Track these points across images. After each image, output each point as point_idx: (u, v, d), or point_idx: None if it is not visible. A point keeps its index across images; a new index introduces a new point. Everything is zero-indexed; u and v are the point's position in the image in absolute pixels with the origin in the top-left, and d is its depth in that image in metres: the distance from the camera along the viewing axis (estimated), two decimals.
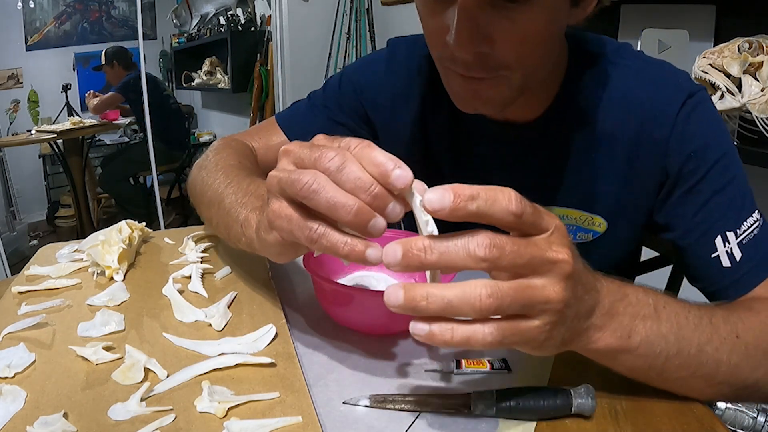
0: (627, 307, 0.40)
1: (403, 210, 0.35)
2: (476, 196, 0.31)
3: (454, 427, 0.40)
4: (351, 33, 2.29)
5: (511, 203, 0.31)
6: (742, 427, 0.92)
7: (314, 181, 0.35)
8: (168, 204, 3.48)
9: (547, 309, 0.33)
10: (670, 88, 0.57)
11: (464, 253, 0.31)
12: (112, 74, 3.18)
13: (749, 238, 0.53)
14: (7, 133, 3.31)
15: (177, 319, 0.53)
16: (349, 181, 0.34)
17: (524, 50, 0.49)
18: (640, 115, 0.57)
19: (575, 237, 0.64)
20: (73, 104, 3.57)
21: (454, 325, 0.32)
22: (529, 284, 0.33)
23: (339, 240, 0.36)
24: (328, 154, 0.35)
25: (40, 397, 0.40)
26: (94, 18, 3.69)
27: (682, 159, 0.56)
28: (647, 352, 0.40)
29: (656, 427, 0.41)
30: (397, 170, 0.33)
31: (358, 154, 0.35)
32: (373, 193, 0.34)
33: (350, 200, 0.34)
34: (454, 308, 0.31)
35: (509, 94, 0.52)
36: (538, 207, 0.34)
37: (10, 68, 3.38)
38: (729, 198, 0.55)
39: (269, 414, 0.39)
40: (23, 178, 3.50)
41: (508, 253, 0.31)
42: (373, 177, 0.34)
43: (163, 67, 4.13)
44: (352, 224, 0.35)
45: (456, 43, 0.47)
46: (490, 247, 0.31)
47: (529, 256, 0.32)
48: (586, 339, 0.39)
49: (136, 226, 0.71)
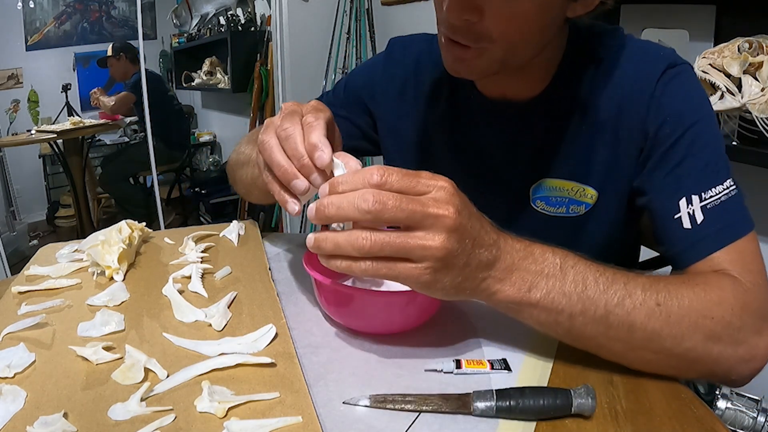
0: (531, 264, 0.45)
1: (324, 179, 0.45)
2: (339, 183, 0.41)
3: (454, 427, 0.40)
4: (351, 33, 2.28)
5: (372, 176, 0.39)
6: (742, 427, 0.92)
7: (267, 141, 0.48)
8: (168, 204, 3.48)
9: (427, 255, 0.39)
10: (653, 59, 0.60)
11: (353, 207, 0.39)
12: (118, 67, 3.15)
13: (714, 204, 0.53)
14: (7, 133, 3.31)
15: (177, 319, 0.53)
16: (289, 149, 0.47)
17: (509, 28, 0.52)
18: (626, 86, 0.60)
19: (568, 210, 0.66)
20: (73, 104, 3.56)
21: (339, 246, 0.40)
22: (408, 234, 0.39)
23: (276, 189, 0.49)
24: (284, 125, 0.47)
25: (40, 397, 0.40)
26: (94, 18, 3.69)
27: (659, 123, 0.58)
28: (549, 306, 0.44)
29: (656, 427, 0.41)
30: (319, 152, 0.45)
31: (306, 130, 0.47)
32: (303, 162, 0.46)
33: (284, 161, 0.47)
34: (341, 248, 0.40)
35: (489, 66, 0.57)
36: (417, 173, 0.41)
37: (10, 68, 3.38)
38: (700, 163, 0.55)
39: (269, 414, 0.39)
40: (23, 178, 3.50)
41: (390, 207, 0.38)
42: (306, 150, 0.46)
43: (163, 67, 4.12)
44: (281, 179, 0.47)
45: (448, 6, 0.52)
46: (373, 202, 0.38)
47: (410, 211, 0.39)
48: (487, 290, 0.44)
49: (136, 226, 0.71)
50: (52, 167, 3.61)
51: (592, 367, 0.48)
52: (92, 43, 3.65)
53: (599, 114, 0.62)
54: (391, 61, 0.77)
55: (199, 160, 4.08)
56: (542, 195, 0.66)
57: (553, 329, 0.47)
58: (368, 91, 0.78)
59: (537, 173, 0.66)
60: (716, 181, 0.54)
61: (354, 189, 0.40)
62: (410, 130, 0.75)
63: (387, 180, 0.39)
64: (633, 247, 0.81)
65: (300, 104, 0.51)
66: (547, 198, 0.66)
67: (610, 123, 0.61)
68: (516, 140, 0.67)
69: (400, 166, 0.42)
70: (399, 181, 0.40)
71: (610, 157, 0.62)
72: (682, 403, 0.44)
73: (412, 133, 0.75)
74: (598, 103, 0.61)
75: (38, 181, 3.64)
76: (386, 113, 0.77)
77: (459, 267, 0.41)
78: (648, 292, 0.46)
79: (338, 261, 0.41)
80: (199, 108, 4.41)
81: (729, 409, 0.92)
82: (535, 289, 0.44)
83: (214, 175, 3.80)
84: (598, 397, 0.42)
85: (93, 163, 3.49)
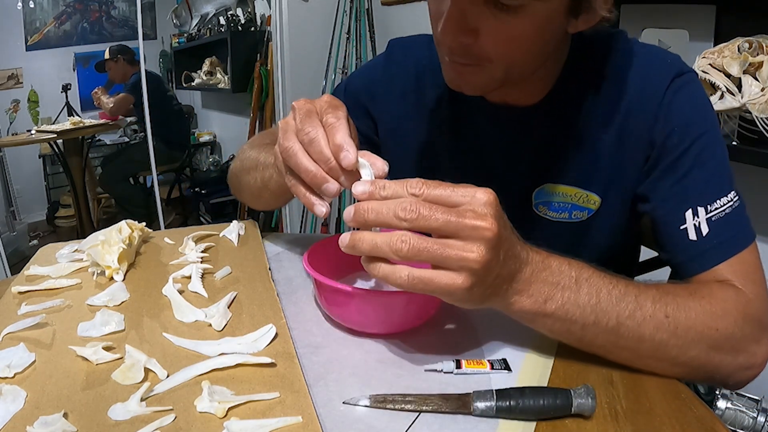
0: (548, 276, 0.45)
1: (352, 181, 0.45)
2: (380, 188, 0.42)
3: (454, 427, 0.40)
4: (351, 33, 2.28)
5: (412, 186, 0.41)
6: (742, 427, 0.92)
7: (291, 147, 0.47)
8: (168, 204, 3.48)
9: (464, 267, 0.39)
10: (661, 67, 0.60)
11: (391, 214, 0.40)
12: (116, 70, 3.15)
13: (719, 216, 0.55)
14: (7, 133, 3.31)
15: (177, 319, 0.53)
16: (314, 152, 0.46)
17: (507, 50, 0.53)
18: (632, 93, 0.60)
19: (570, 216, 0.66)
20: (73, 104, 3.56)
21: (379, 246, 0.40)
22: (447, 243, 0.39)
23: (301, 192, 0.49)
24: (305, 128, 0.47)
25: (40, 397, 0.40)
26: (94, 18, 3.69)
27: (667, 133, 0.58)
28: (564, 317, 0.45)
29: (656, 427, 0.41)
30: (345, 152, 0.45)
31: (329, 131, 0.46)
32: (330, 165, 0.46)
33: (312, 166, 0.46)
34: (378, 249, 0.40)
35: (490, 83, 0.57)
36: (456, 185, 0.41)
37: (10, 68, 3.38)
38: (706, 174, 0.56)
39: (269, 414, 0.39)
40: (23, 178, 3.49)
41: (423, 216, 0.39)
42: (332, 153, 0.45)
43: (163, 67, 4.12)
44: (311, 184, 0.47)
45: (442, 29, 0.52)
46: (408, 210, 0.39)
47: (444, 220, 0.39)
48: (506, 300, 0.45)
49: (136, 226, 0.71)
50: (52, 167, 3.61)
51: (592, 367, 0.48)
52: (92, 43, 3.65)
53: (603, 119, 0.61)
54: (391, 64, 0.76)
55: (199, 160, 4.08)
56: (545, 200, 0.66)
57: (564, 337, 0.48)
58: (368, 93, 0.77)
59: (539, 178, 0.65)
60: (721, 193, 0.55)
61: (394, 196, 0.41)
62: (412, 133, 0.74)
63: (425, 190, 0.40)
64: (634, 249, 0.81)
65: (313, 101, 0.50)
66: (550, 203, 0.66)
67: (614, 129, 0.61)
68: (517, 144, 0.66)
69: (401, 168, 0.43)
70: (437, 190, 0.41)
71: (614, 164, 0.62)
72: (682, 403, 0.44)
73: (414, 136, 0.74)
74: (604, 109, 0.61)
75: (38, 181, 3.64)
76: (387, 115, 0.77)
77: (492, 278, 0.42)
78: (658, 305, 0.47)
79: (378, 265, 0.41)
80: (199, 108, 4.41)
81: (729, 409, 0.92)
82: (551, 300, 0.45)
83: (214, 175, 3.80)
84: (598, 397, 0.42)
85: (93, 163, 3.49)
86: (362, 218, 0.41)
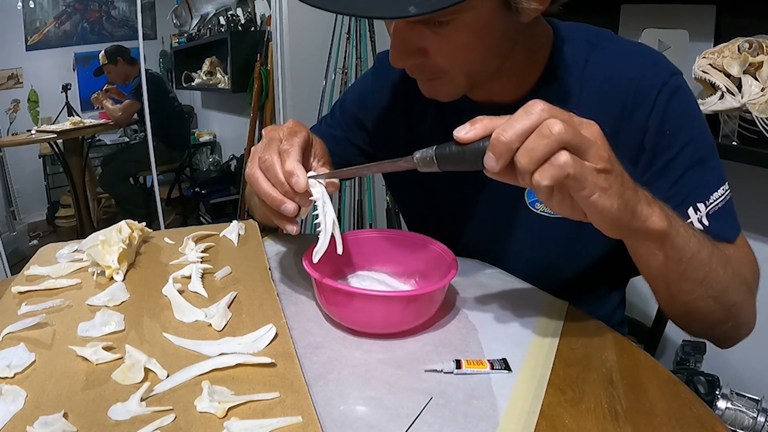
0: (659, 202, 0.48)
1: (307, 201, 0.52)
2: None
3: (454, 427, 0.40)
4: (351, 33, 2.28)
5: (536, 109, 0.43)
6: (742, 427, 0.92)
7: (253, 174, 0.53)
8: (168, 204, 3.48)
9: (593, 152, 0.41)
10: (651, 70, 0.61)
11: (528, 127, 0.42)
12: (117, 72, 3.14)
13: (715, 209, 0.59)
14: (7, 133, 3.30)
15: (177, 319, 0.53)
16: (272, 177, 0.52)
17: (457, 59, 0.55)
18: (623, 95, 0.61)
19: None
20: (73, 104, 3.56)
21: None
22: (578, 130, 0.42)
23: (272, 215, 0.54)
24: (264, 157, 0.52)
25: (40, 397, 0.40)
26: (94, 18, 3.68)
27: (659, 136, 0.60)
28: (681, 243, 0.49)
29: (656, 427, 0.41)
30: (295, 178, 0.50)
31: (283, 157, 0.52)
32: (284, 188, 0.51)
33: (270, 190, 0.52)
34: (526, 131, 0.42)
35: (458, 89, 0.60)
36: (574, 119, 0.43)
37: (10, 68, 3.37)
38: (702, 173, 0.59)
39: (269, 414, 0.39)
40: (23, 178, 3.49)
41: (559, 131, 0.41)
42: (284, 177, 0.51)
43: (163, 67, 4.12)
44: (271, 206, 0.52)
45: (391, 56, 0.56)
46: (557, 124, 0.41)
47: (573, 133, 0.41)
48: (641, 214, 0.46)
49: (136, 226, 0.71)
50: (52, 167, 3.60)
51: (593, 367, 0.48)
52: (92, 43, 3.64)
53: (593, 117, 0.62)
54: (380, 75, 0.80)
55: (199, 160, 4.08)
56: None
57: (674, 267, 0.50)
58: (361, 106, 0.81)
59: None
60: (717, 185, 0.59)
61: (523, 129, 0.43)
62: (402, 140, 0.76)
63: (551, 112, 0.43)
64: None
65: (278, 128, 0.56)
66: None
67: (605, 130, 0.61)
68: None
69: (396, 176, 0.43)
70: None
71: None
72: (682, 403, 0.44)
73: (404, 143, 0.76)
74: (593, 108, 0.61)
75: (38, 181, 3.63)
76: (378, 125, 0.80)
77: (621, 176, 0.44)
78: (718, 249, 0.53)
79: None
80: (199, 108, 4.41)
81: (729, 409, 0.93)
82: (674, 221, 0.48)
83: (214, 175, 3.80)
84: (598, 397, 0.41)
85: (93, 163, 3.49)
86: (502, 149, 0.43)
